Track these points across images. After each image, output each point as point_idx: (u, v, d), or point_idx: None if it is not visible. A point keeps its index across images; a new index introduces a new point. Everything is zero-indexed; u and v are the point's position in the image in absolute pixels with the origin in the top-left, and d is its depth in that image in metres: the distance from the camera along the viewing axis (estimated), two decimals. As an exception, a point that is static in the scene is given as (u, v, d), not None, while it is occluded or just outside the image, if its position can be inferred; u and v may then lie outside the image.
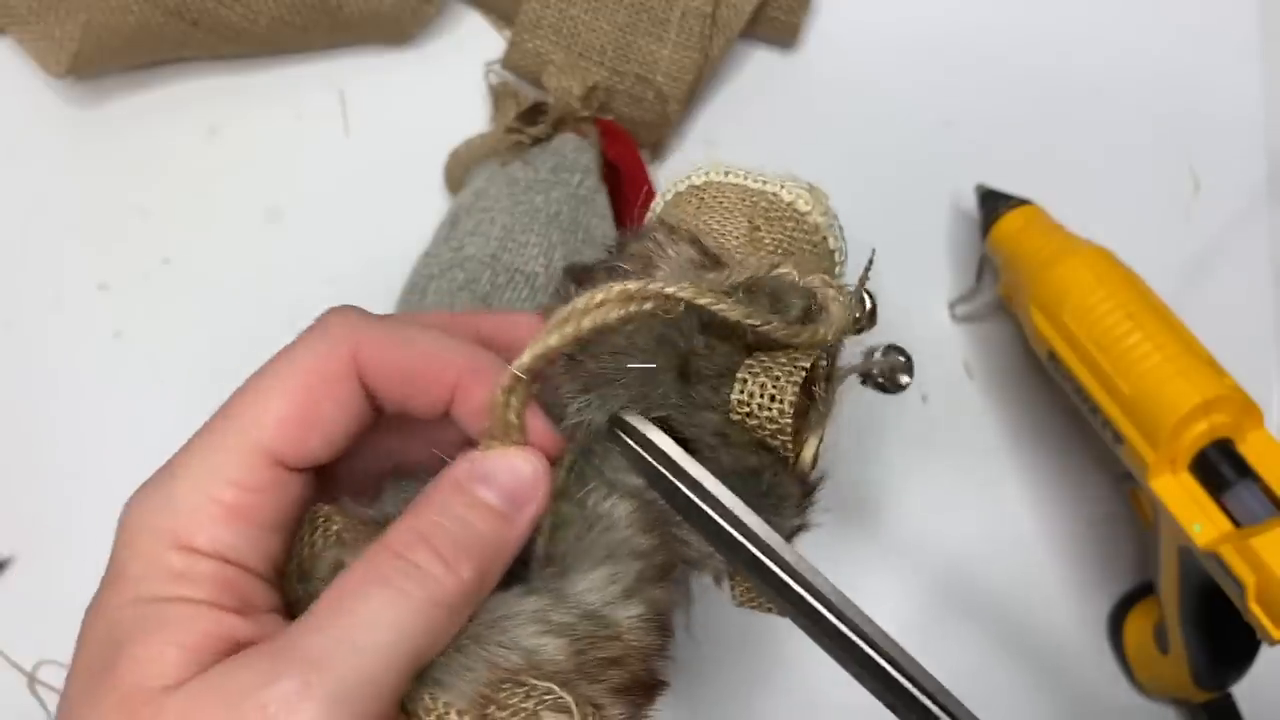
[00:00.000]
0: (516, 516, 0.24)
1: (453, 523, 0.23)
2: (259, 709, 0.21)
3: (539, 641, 0.24)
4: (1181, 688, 0.49)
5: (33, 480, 0.50)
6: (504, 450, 0.25)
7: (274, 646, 0.22)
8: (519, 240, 0.47)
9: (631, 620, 0.25)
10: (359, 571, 0.23)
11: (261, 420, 0.24)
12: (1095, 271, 0.46)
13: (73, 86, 0.54)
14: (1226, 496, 0.42)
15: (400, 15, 0.54)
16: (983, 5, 0.61)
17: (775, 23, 0.57)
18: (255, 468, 0.23)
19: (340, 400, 0.24)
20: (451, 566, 0.23)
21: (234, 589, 0.23)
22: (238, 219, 0.53)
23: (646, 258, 0.30)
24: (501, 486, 0.24)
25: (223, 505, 0.23)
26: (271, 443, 0.23)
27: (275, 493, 0.23)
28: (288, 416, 0.24)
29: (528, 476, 0.24)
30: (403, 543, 0.23)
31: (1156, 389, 0.43)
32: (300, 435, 0.24)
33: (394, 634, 0.22)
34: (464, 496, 0.24)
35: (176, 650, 0.22)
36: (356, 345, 0.24)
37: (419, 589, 0.22)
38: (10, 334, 0.51)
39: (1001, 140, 0.58)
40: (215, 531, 0.23)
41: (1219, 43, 0.62)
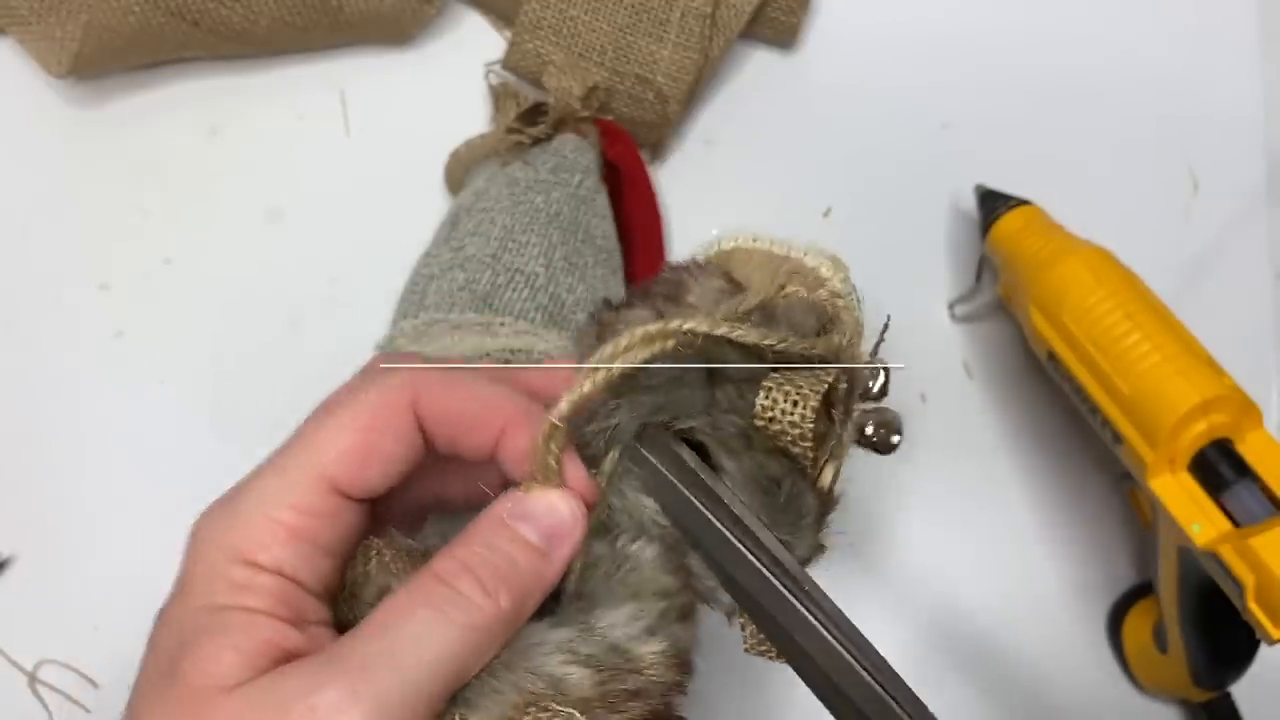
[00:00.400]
0: (553, 553, 0.26)
1: (494, 555, 0.25)
2: (308, 712, 0.22)
3: (565, 670, 0.26)
4: (1181, 687, 0.49)
5: (33, 480, 0.50)
6: (544, 492, 0.27)
7: (324, 657, 0.24)
8: (519, 240, 0.47)
9: (654, 656, 0.27)
10: (405, 594, 0.25)
11: (325, 451, 0.25)
12: (1094, 271, 0.47)
13: (74, 87, 0.54)
14: (1225, 496, 0.42)
15: (400, 16, 0.54)
16: (982, 6, 0.61)
17: (775, 23, 0.57)
18: (317, 494, 0.25)
19: (399, 438, 0.26)
20: (490, 594, 0.25)
21: (290, 602, 0.25)
22: (238, 219, 0.54)
23: (677, 284, 0.32)
24: (541, 525, 0.26)
25: (284, 526, 0.25)
26: (333, 472, 0.25)
27: (333, 519, 0.26)
28: (350, 449, 0.26)
29: (565, 517, 0.27)
30: (447, 570, 0.25)
31: (1155, 389, 0.43)
32: (360, 467, 0.26)
33: (435, 652, 0.24)
34: (506, 532, 0.26)
35: (234, 654, 0.24)
36: (416, 388, 0.26)
37: (460, 613, 0.24)
38: (11, 333, 0.51)
39: (1001, 140, 0.58)
40: (276, 549, 0.25)
41: (1218, 44, 0.62)
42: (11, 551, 0.49)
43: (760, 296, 0.29)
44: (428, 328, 0.46)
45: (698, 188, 0.56)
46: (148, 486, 0.50)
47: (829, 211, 0.57)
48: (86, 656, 0.48)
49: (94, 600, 0.49)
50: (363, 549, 0.27)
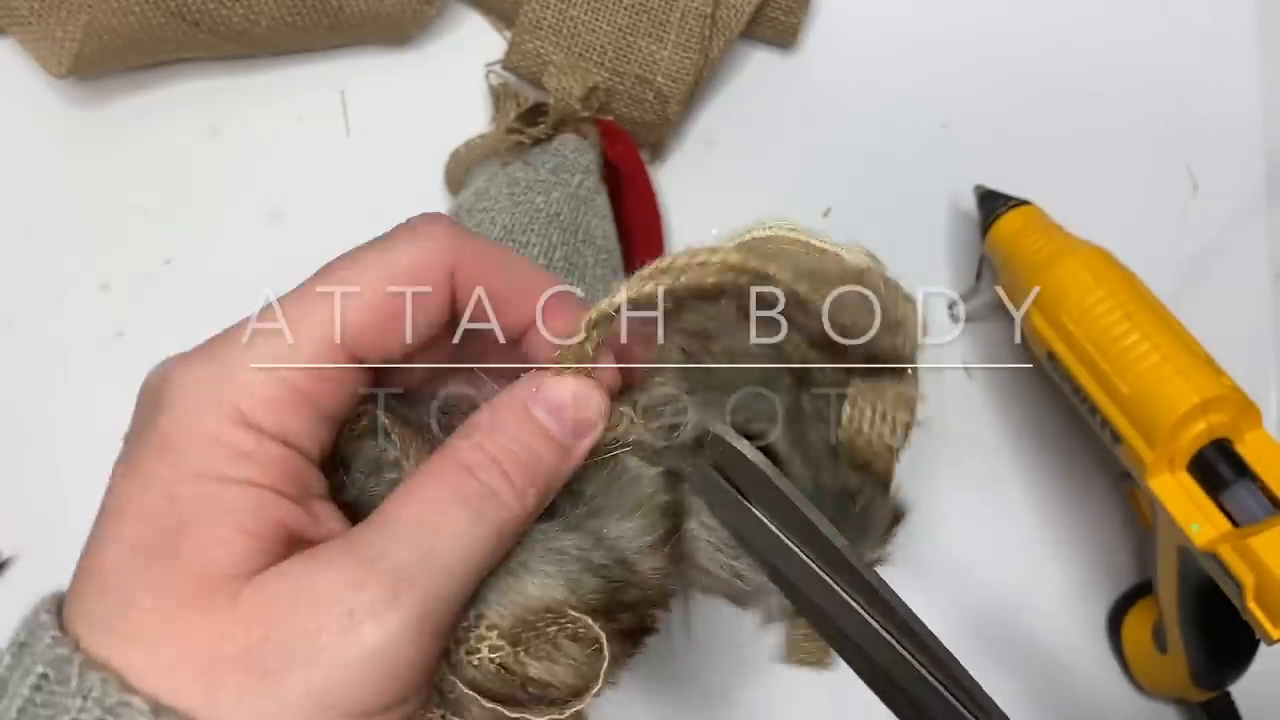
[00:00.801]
0: (575, 448, 0.25)
1: (521, 449, 0.24)
2: (345, 614, 0.20)
3: (580, 579, 0.25)
4: (1180, 687, 0.49)
5: (34, 480, 0.50)
6: (571, 379, 0.25)
7: (357, 550, 0.21)
8: (519, 240, 0.47)
9: (654, 572, 0.27)
10: (437, 485, 0.23)
11: (347, 308, 0.23)
12: (1094, 272, 0.47)
13: (74, 87, 0.54)
14: (1225, 496, 0.42)
15: (401, 16, 0.54)
16: (982, 7, 0.61)
17: (775, 23, 0.57)
18: (330, 354, 0.23)
19: (428, 307, 0.24)
20: (520, 494, 0.23)
21: (295, 476, 0.22)
22: (239, 219, 0.54)
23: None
24: (566, 416, 0.24)
25: (291, 387, 0.22)
26: (352, 333, 0.23)
27: (344, 383, 0.23)
28: (375, 309, 0.23)
29: (592, 408, 0.25)
30: (475, 460, 0.23)
31: (1155, 389, 0.43)
32: (382, 332, 0.23)
33: (472, 552, 0.22)
34: (530, 422, 0.24)
35: (244, 537, 0.21)
36: (459, 252, 0.24)
37: (495, 513, 0.23)
38: (12, 334, 0.51)
39: (1000, 141, 0.58)
40: (282, 414, 0.22)
41: (1217, 44, 0.62)
42: (12, 551, 0.49)
43: (838, 273, 0.28)
44: (428, 328, 0.46)
45: (698, 188, 0.56)
46: (148, 486, 0.50)
47: (829, 212, 0.57)
48: (87, 656, 0.48)
49: (94, 600, 0.49)
50: (361, 415, 0.25)
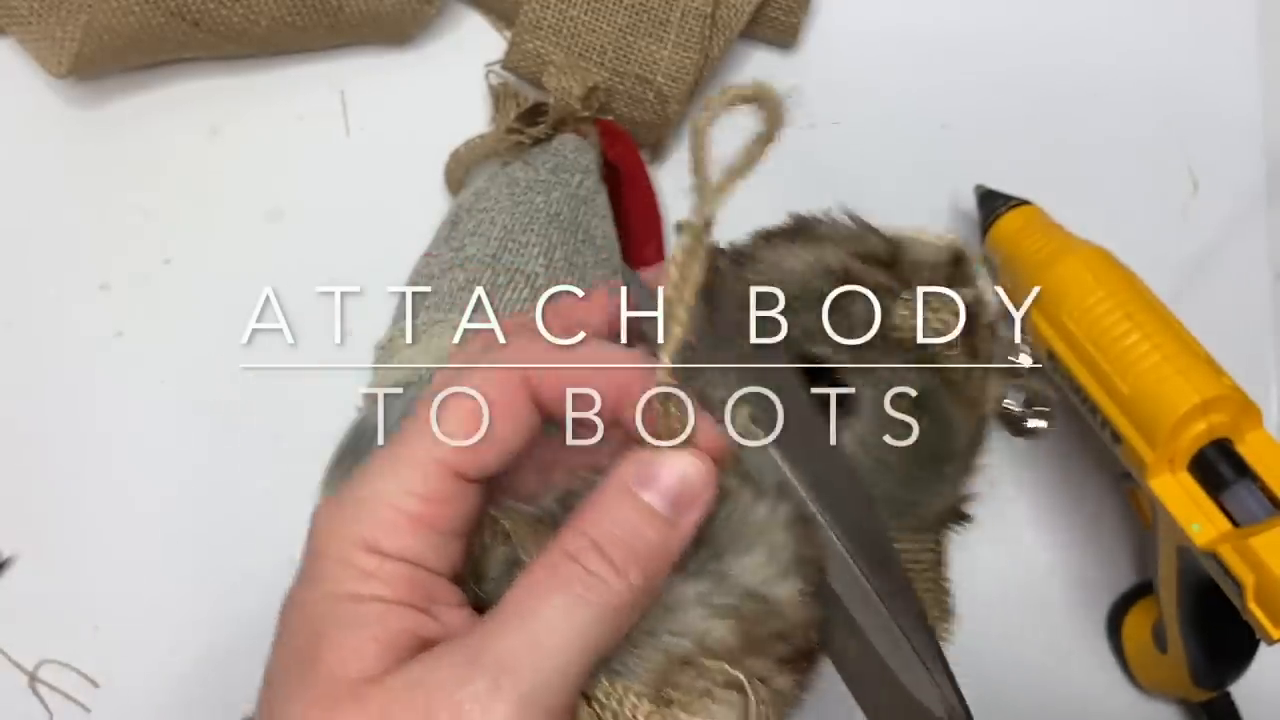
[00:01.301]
0: (681, 521, 0.25)
1: (622, 530, 0.25)
2: (454, 707, 0.22)
3: (706, 625, 0.25)
4: (1180, 687, 0.49)
5: (34, 480, 0.50)
6: (669, 453, 0.26)
7: (466, 647, 0.24)
8: (519, 240, 0.47)
9: (791, 595, 0.26)
10: (539, 575, 0.24)
11: (440, 446, 0.25)
12: (1094, 271, 0.46)
13: (74, 87, 0.54)
14: (1225, 496, 0.42)
15: (401, 16, 0.54)
16: (982, 7, 0.61)
17: (775, 23, 0.57)
18: (436, 479, 0.25)
19: (513, 417, 0.26)
20: (621, 573, 0.24)
21: (420, 588, 0.25)
22: (239, 219, 0.54)
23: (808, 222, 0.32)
24: (666, 491, 0.25)
25: (407, 514, 0.25)
26: (450, 458, 0.25)
27: (455, 502, 0.25)
28: (466, 433, 0.25)
29: (693, 481, 0.26)
30: (576, 547, 0.24)
31: (1155, 389, 0.43)
32: (475, 451, 0.25)
33: (574, 636, 0.23)
34: (631, 501, 0.25)
35: (374, 644, 0.24)
36: (528, 363, 0.26)
37: (595, 594, 0.24)
38: (11, 334, 0.51)
39: (1000, 140, 0.58)
40: (401, 536, 0.25)
41: (1217, 44, 0.62)
42: (12, 551, 0.49)
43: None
44: (428, 328, 0.46)
45: (698, 188, 0.56)
46: (148, 486, 0.50)
47: (829, 212, 0.57)
48: (87, 656, 0.48)
49: (94, 600, 0.49)
50: (485, 523, 0.27)
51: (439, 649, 0.24)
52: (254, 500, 0.50)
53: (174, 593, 0.49)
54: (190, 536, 0.50)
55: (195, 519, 0.50)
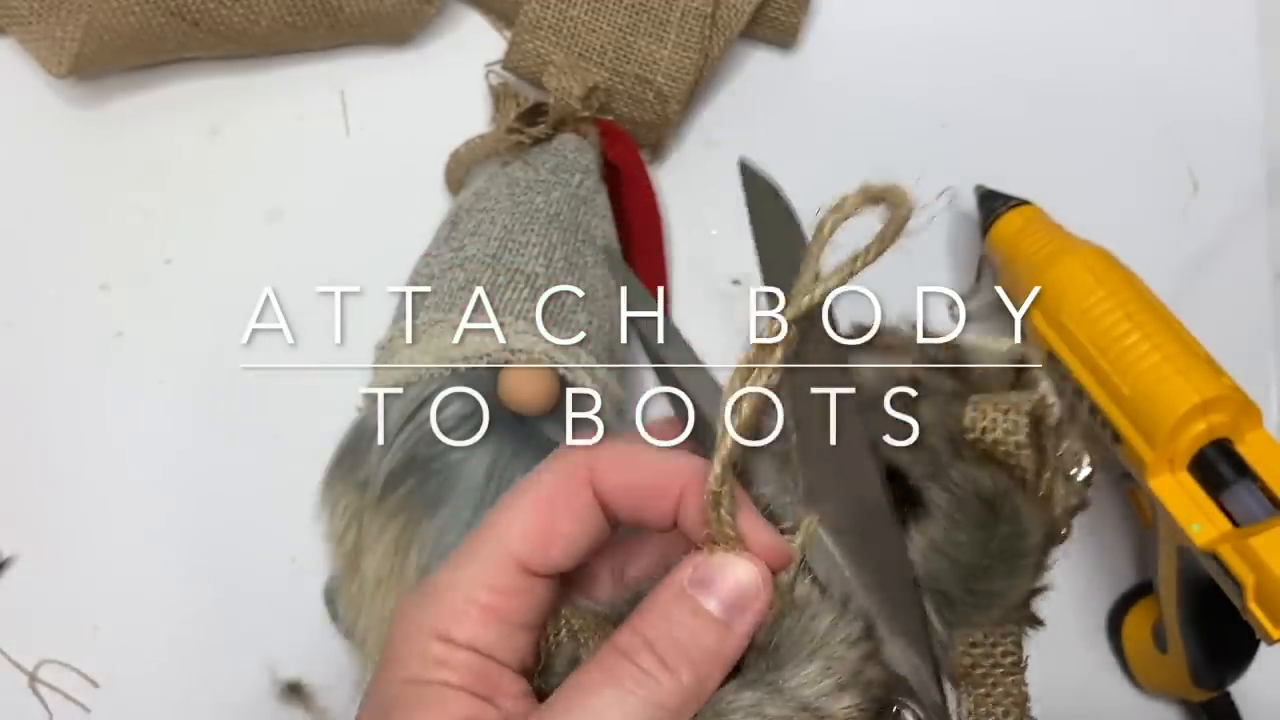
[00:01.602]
0: (735, 624, 0.26)
1: (675, 628, 0.26)
2: None
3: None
4: (1180, 687, 0.49)
5: (34, 480, 0.50)
6: (725, 557, 0.26)
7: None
8: (519, 240, 0.47)
9: (847, 710, 0.26)
10: (591, 669, 0.26)
11: (510, 533, 0.27)
12: (1094, 272, 0.47)
13: (74, 87, 0.54)
14: (1225, 496, 0.42)
15: (401, 16, 0.54)
16: (981, 7, 0.61)
17: (775, 23, 0.57)
18: (506, 573, 0.27)
19: (577, 515, 0.27)
20: (672, 671, 0.25)
21: (485, 677, 0.26)
22: (239, 219, 0.54)
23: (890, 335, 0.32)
24: (722, 594, 0.26)
25: (477, 604, 0.26)
26: (519, 552, 0.27)
27: (524, 596, 0.27)
28: (532, 530, 0.27)
29: (748, 587, 0.26)
30: (629, 645, 0.25)
31: (1155, 389, 0.43)
32: (543, 546, 0.27)
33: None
34: (687, 603, 0.26)
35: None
36: (592, 466, 0.27)
37: (642, 689, 0.25)
38: (12, 334, 0.51)
39: (1000, 141, 0.58)
40: (470, 626, 0.26)
41: (1217, 44, 0.62)
42: (12, 551, 0.49)
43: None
44: (428, 328, 0.46)
45: (698, 188, 0.56)
46: (148, 486, 0.50)
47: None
48: (86, 656, 0.48)
49: (94, 600, 0.49)
50: (553, 620, 0.28)
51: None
52: (254, 500, 0.50)
53: (174, 593, 0.49)
54: (190, 537, 0.50)
55: (195, 519, 0.50)
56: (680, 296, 0.54)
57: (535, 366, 0.44)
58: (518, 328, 0.45)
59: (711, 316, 0.55)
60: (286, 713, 0.49)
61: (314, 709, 0.49)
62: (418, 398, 0.43)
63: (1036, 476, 0.28)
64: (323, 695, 0.49)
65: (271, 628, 0.49)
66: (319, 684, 0.49)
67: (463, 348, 0.45)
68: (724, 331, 0.55)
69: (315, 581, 0.49)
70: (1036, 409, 0.28)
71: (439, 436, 0.43)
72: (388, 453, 0.43)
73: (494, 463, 0.42)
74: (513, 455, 0.43)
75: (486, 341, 0.45)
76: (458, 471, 0.42)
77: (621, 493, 0.27)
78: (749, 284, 0.55)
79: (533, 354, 0.44)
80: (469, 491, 0.42)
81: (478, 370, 0.44)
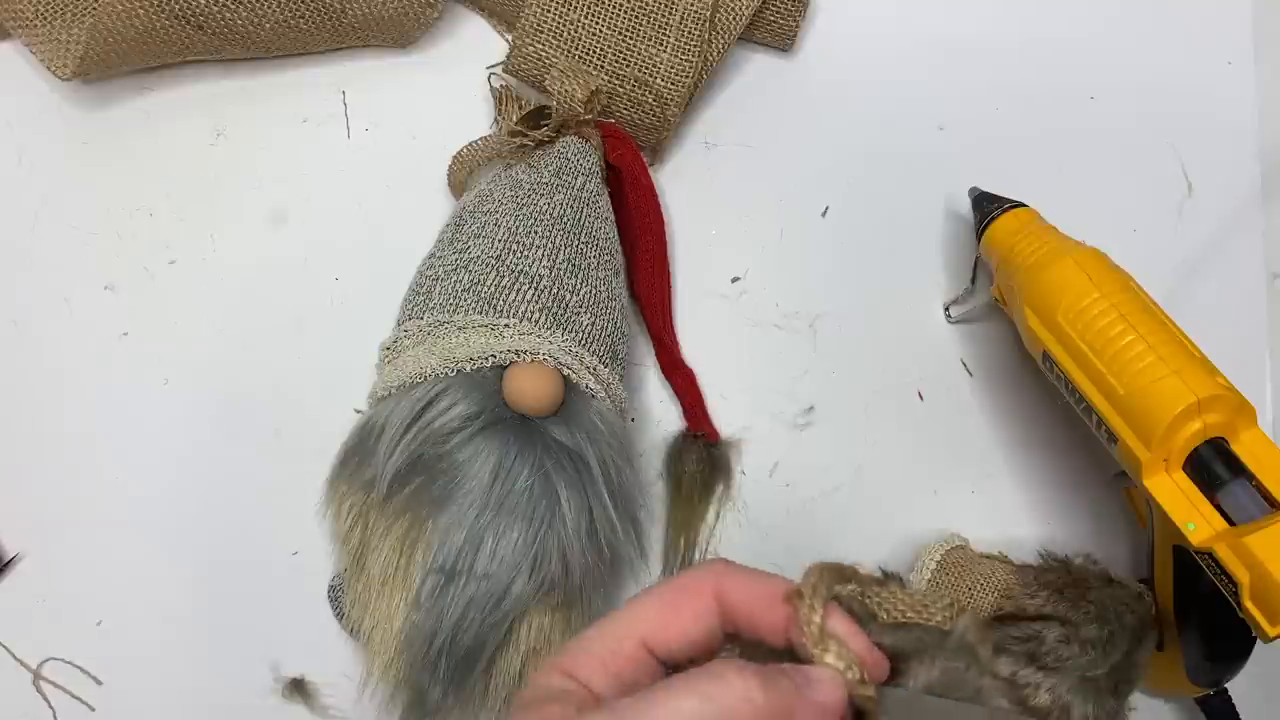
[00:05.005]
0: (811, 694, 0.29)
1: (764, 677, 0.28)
2: None
3: None
4: (1177, 684, 0.49)
5: (40, 478, 0.50)
6: (818, 668, 0.29)
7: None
8: (523, 242, 0.47)
9: None
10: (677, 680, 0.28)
11: (639, 615, 0.30)
12: (1089, 273, 0.47)
13: (79, 89, 0.54)
14: (1220, 495, 0.43)
15: (403, 19, 0.54)
16: (977, 10, 0.61)
17: (773, 27, 0.57)
18: (630, 645, 0.30)
19: (696, 614, 0.30)
20: (749, 685, 0.27)
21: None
22: (243, 221, 0.54)
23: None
24: (813, 693, 0.28)
25: (599, 659, 0.30)
26: (643, 631, 0.30)
27: (641, 667, 0.30)
28: (655, 616, 0.30)
29: (828, 693, 0.29)
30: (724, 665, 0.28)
31: (1150, 388, 0.43)
32: (663, 632, 0.30)
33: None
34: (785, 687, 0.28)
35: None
36: (720, 576, 0.31)
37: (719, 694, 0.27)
38: (18, 334, 0.52)
39: (996, 143, 0.59)
40: (591, 675, 0.30)
41: (1212, 46, 0.63)
42: (17, 550, 0.49)
43: None
44: (433, 329, 0.46)
45: (698, 188, 0.57)
46: (152, 485, 0.50)
47: (826, 211, 0.57)
48: (90, 654, 0.49)
49: (98, 598, 0.49)
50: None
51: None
52: (258, 498, 0.50)
53: (177, 591, 0.49)
54: (194, 535, 0.50)
55: (199, 517, 0.50)
56: (681, 296, 0.55)
57: (539, 367, 0.44)
58: (522, 329, 0.45)
59: (711, 316, 0.55)
60: (289, 710, 0.49)
61: (317, 706, 0.49)
62: (423, 398, 0.44)
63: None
64: (325, 692, 0.49)
65: (274, 625, 0.49)
66: (322, 681, 0.49)
67: (468, 349, 0.45)
68: (724, 331, 0.55)
69: (318, 579, 0.49)
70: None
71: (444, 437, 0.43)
72: (393, 453, 0.43)
73: (499, 463, 0.43)
74: (517, 456, 0.43)
75: (491, 343, 0.45)
76: (463, 471, 0.43)
77: (741, 603, 0.30)
78: (748, 283, 0.56)
79: (537, 355, 0.45)
80: (474, 491, 0.42)
81: (483, 371, 0.44)
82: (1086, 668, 0.44)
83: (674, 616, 0.30)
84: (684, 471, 0.52)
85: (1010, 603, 0.47)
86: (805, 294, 0.56)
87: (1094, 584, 0.47)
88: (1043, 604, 0.46)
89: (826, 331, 0.56)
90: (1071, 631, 0.45)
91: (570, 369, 0.45)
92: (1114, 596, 0.46)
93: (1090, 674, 0.44)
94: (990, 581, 0.48)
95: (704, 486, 0.52)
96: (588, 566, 0.44)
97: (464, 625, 0.42)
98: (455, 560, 0.42)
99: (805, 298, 0.56)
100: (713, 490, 0.52)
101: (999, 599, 0.47)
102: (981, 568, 0.49)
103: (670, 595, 0.31)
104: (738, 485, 0.53)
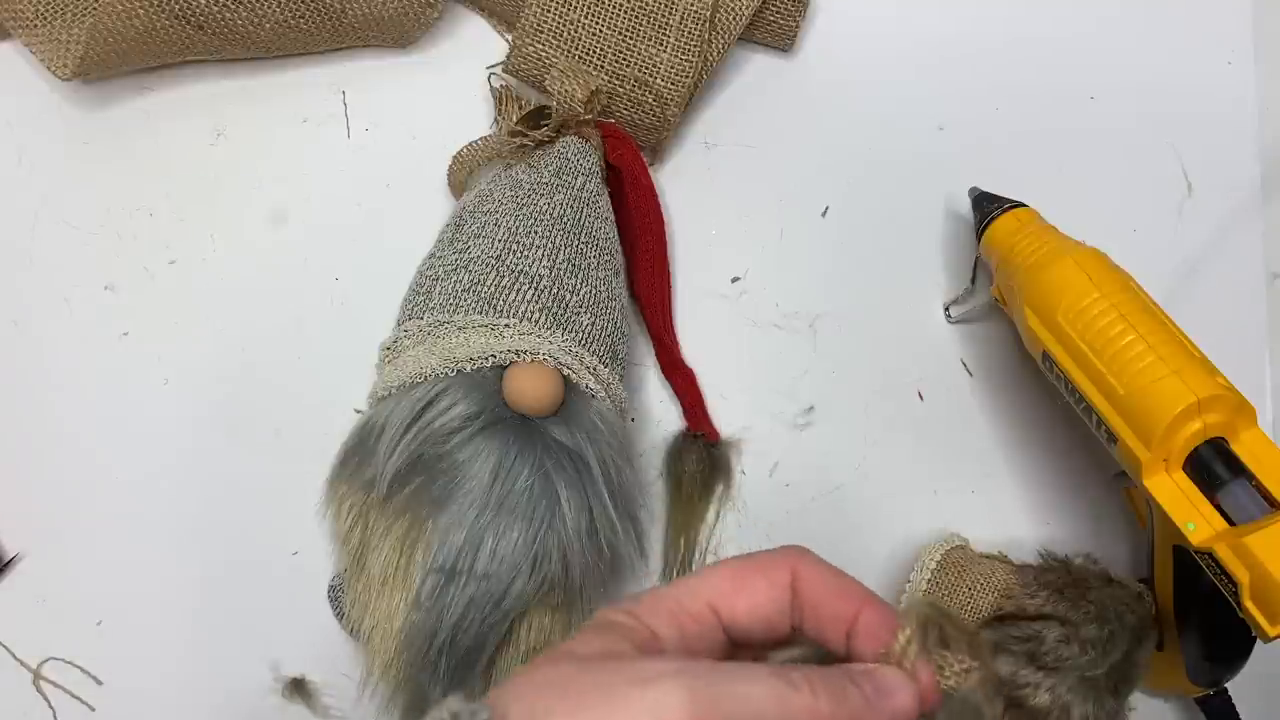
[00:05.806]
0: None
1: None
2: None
3: None
4: (1177, 684, 0.49)
5: (40, 478, 0.50)
6: (887, 669, 0.29)
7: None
8: (523, 242, 0.47)
9: None
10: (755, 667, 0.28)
11: (711, 578, 0.31)
12: (1088, 272, 0.47)
13: (79, 89, 0.54)
14: (1220, 495, 0.43)
15: (403, 19, 0.54)
16: (977, 10, 0.61)
17: (773, 27, 0.57)
18: (699, 603, 0.30)
19: (769, 587, 0.30)
20: (815, 693, 0.27)
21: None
22: (243, 221, 0.54)
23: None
24: (878, 698, 0.28)
25: (669, 611, 0.30)
26: (711, 596, 0.30)
27: (704, 628, 0.30)
28: (727, 583, 0.31)
29: (901, 699, 0.29)
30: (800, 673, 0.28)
31: (1150, 388, 0.43)
32: (730, 600, 0.30)
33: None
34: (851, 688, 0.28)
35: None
36: (798, 561, 0.31)
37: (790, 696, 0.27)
38: (18, 334, 0.52)
39: (995, 143, 0.59)
40: (656, 621, 0.30)
41: (1212, 46, 0.63)
42: (17, 549, 0.49)
43: None
44: (433, 329, 0.46)
45: (698, 188, 0.57)
46: (153, 485, 0.50)
47: (826, 211, 0.57)
48: (91, 654, 0.49)
49: (98, 598, 0.49)
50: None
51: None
52: (257, 498, 0.50)
53: (177, 590, 0.49)
54: (194, 534, 0.50)
55: (199, 517, 0.50)
56: (681, 296, 0.55)
57: (539, 367, 0.44)
58: (522, 329, 0.45)
59: (711, 316, 0.55)
60: (289, 710, 0.49)
61: (317, 706, 0.49)
62: (423, 398, 0.44)
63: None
64: (325, 692, 0.49)
65: (275, 625, 0.49)
66: (322, 681, 0.49)
67: (468, 349, 0.45)
68: (724, 331, 0.55)
69: (318, 579, 0.49)
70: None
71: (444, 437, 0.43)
72: (394, 453, 0.43)
73: (499, 463, 0.43)
74: (517, 456, 0.43)
75: (491, 343, 0.45)
76: (463, 471, 0.43)
77: (812, 588, 0.30)
78: (748, 283, 0.56)
79: (536, 355, 0.45)
80: (474, 491, 0.42)
81: (483, 371, 0.44)
82: (1086, 668, 0.44)
83: (746, 588, 0.30)
84: (684, 471, 0.52)
85: (1010, 603, 0.47)
86: (805, 294, 0.56)
87: (1094, 584, 0.47)
88: (1043, 604, 0.46)
89: (826, 331, 0.56)
90: (1071, 631, 0.45)
91: (570, 369, 0.45)
92: (1114, 596, 0.46)
93: (1090, 674, 0.44)
94: (990, 581, 0.48)
95: (704, 486, 0.52)
96: (588, 566, 0.44)
97: (464, 625, 0.42)
98: (455, 560, 0.42)
99: (805, 298, 0.56)
100: (713, 490, 0.52)
101: (999, 599, 0.47)
102: (981, 568, 0.49)
103: (746, 567, 0.31)
104: (738, 485, 0.53)
